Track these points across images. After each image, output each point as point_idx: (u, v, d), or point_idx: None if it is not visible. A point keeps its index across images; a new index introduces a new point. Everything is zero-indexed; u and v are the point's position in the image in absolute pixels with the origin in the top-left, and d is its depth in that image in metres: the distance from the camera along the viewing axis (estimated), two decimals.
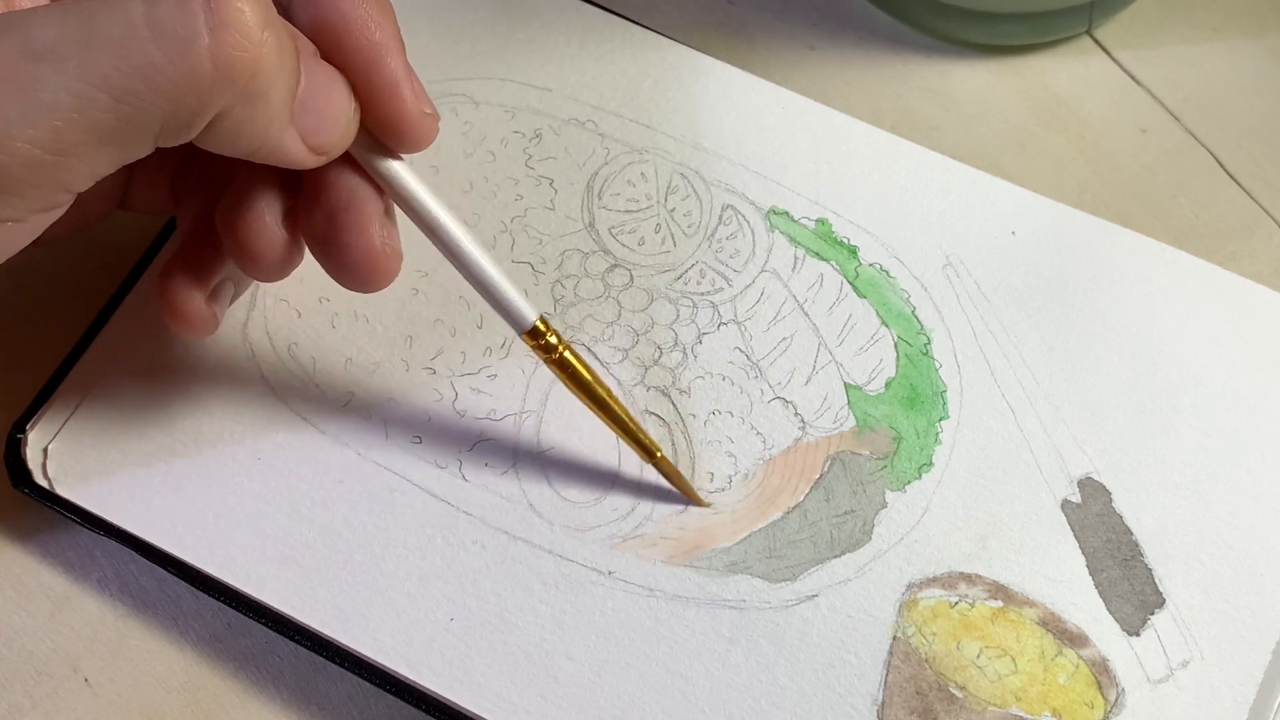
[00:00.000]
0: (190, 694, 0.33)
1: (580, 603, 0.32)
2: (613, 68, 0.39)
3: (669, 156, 0.38)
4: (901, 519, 0.33)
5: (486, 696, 0.31)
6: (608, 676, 0.32)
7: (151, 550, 0.33)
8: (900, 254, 0.37)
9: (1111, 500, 0.33)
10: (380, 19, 0.29)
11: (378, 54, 0.29)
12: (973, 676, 0.32)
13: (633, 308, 0.36)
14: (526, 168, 0.38)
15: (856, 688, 0.31)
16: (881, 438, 0.34)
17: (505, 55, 0.40)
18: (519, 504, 0.34)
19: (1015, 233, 0.37)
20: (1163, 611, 0.32)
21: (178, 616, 0.34)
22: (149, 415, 0.35)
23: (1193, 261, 0.36)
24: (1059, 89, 0.41)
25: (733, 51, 0.41)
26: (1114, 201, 0.39)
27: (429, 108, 0.30)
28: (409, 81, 0.29)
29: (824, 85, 0.41)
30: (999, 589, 0.32)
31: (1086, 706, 0.31)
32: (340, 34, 0.28)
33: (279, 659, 0.34)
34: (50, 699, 0.33)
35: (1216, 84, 0.41)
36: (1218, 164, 0.40)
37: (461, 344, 0.36)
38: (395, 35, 0.29)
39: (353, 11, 0.28)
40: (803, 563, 0.33)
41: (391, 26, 0.29)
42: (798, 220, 0.37)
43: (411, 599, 0.33)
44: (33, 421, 0.35)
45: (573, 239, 0.37)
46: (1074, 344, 0.35)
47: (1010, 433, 0.34)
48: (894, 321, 0.36)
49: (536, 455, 0.34)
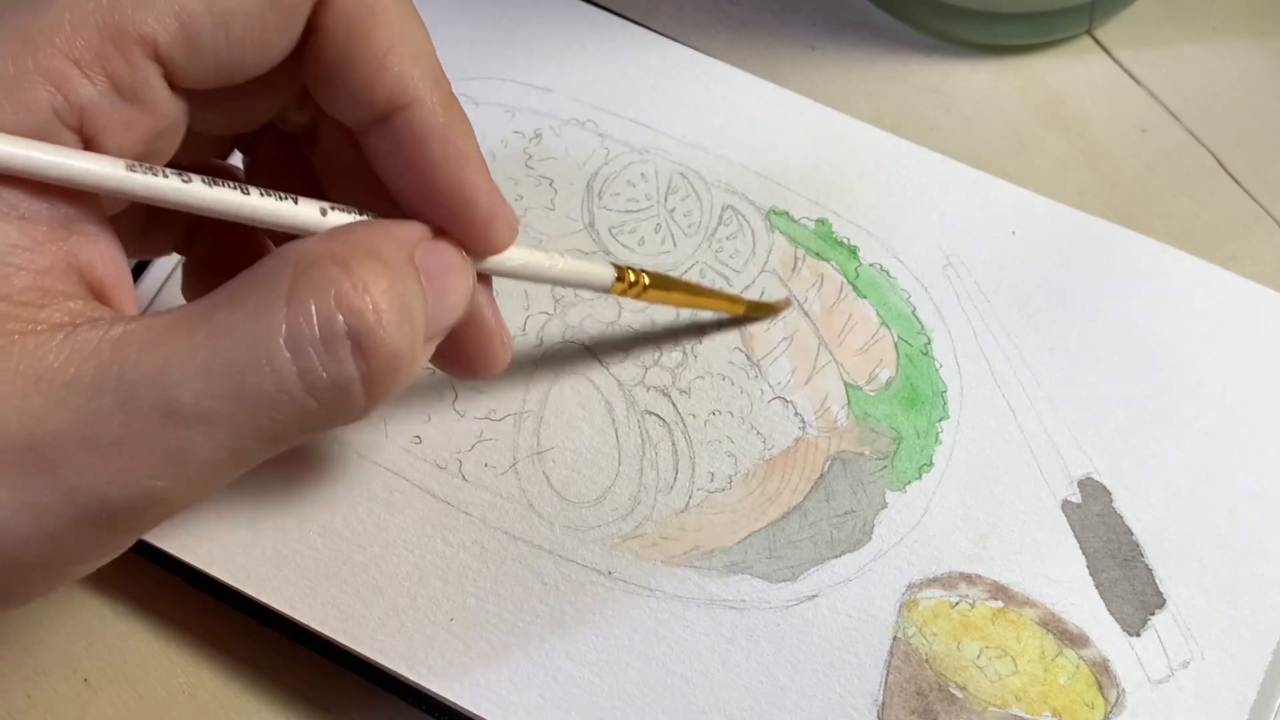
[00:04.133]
0: (190, 694, 0.33)
1: (580, 603, 0.32)
2: (613, 68, 0.39)
3: (669, 156, 0.38)
4: (902, 519, 0.33)
5: (486, 696, 0.31)
6: (608, 676, 0.32)
7: (151, 551, 0.33)
8: (900, 254, 0.37)
9: (1112, 500, 0.33)
10: (468, 146, 0.27)
11: (471, 194, 0.27)
12: (973, 677, 0.32)
13: (633, 308, 0.36)
14: (526, 168, 0.38)
15: (857, 688, 0.31)
16: (882, 438, 0.34)
17: (505, 55, 0.40)
18: (519, 504, 0.34)
19: (1015, 233, 0.37)
20: (1163, 612, 0.32)
21: (178, 616, 0.34)
22: None
23: (1193, 261, 0.36)
24: (1059, 89, 0.41)
25: (733, 51, 0.41)
26: (1114, 201, 0.39)
27: (514, 219, 0.28)
28: (491, 198, 0.27)
29: (824, 85, 0.41)
30: (999, 589, 0.32)
31: (1087, 707, 0.31)
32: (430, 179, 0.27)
33: (279, 659, 0.34)
34: (50, 699, 0.33)
35: (1216, 84, 0.41)
36: (1218, 164, 0.40)
37: None
38: (479, 156, 0.27)
39: (441, 152, 0.27)
40: (803, 563, 0.33)
41: (474, 144, 0.27)
42: (798, 220, 0.37)
43: (411, 599, 0.32)
44: None
45: (573, 239, 0.37)
46: (1074, 344, 0.35)
47: (1010, 433, 0.34)
48: (894, 321, 0.36)
49: (536, 455, 0.34)
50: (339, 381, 0.24)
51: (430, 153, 0.27)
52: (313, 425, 0.24)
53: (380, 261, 0.24)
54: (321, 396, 0.24)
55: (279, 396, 0.23)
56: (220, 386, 0.23)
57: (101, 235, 0.24)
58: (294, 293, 0.23)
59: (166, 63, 0.24)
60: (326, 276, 0.23)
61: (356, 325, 0.23)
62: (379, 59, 0.26)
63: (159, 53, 0.24)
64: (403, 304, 0.24)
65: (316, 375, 0.23)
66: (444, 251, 0.27)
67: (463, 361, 0.30)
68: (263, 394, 0.23)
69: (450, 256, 0.27)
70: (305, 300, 0.23)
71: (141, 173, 0.24)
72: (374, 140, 0.27)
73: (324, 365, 0.23)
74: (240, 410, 0.23)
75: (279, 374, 0.23)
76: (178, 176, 0.24)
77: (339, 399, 0.24)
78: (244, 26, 0.25)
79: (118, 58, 0.24)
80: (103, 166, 0.23)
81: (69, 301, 0.23)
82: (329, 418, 0.24)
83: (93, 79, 0.23)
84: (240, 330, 0.23)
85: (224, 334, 0.23)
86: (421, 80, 0.26)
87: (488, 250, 0.28)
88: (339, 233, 0.25)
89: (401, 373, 0.25)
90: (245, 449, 0.23)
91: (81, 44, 0.23)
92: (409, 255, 0.26)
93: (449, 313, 0.27)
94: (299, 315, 0.23)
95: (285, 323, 0.23)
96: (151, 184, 0.24)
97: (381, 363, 0.24)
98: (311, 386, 0.23)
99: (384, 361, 0.24)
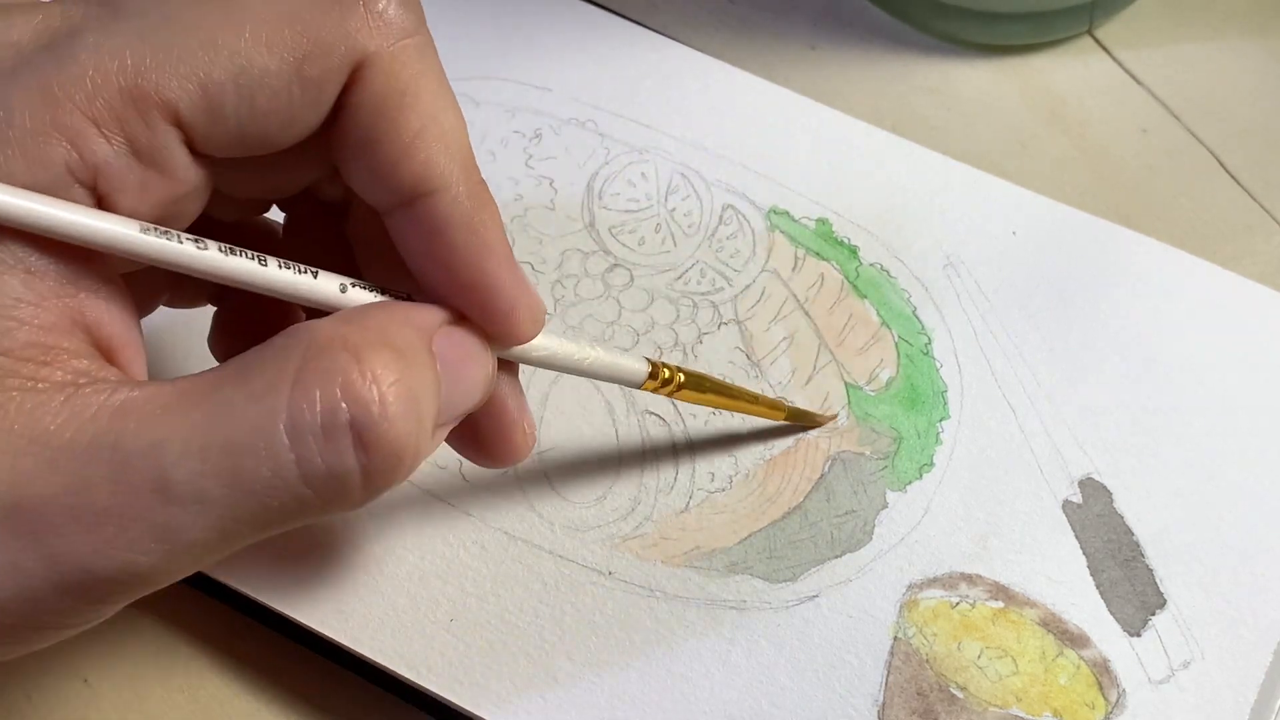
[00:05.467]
0: (190, 694, 0.33)
1: (580, 603, 0.32)
2: (613, 68, 0.39)
3: (669, 156, 0.38)
4: (902, 519, 0.33)
5: (486, 696, 0.31)
6: (608, 676, 0.32)
7: None
8: (900, 254, 0.37)
9: (1112, 500, 0.33)
10: (493, 237, 0.27)
11: (494, 283, 0.26)
12: (973, 677, 0.32)
13: (633, 308, 0.36)
14: (526, 168, 0.38)
15: (857, 688, 0.31)
16: (882, 438, 0.34)
17: (505, 55, 0.40)
18: (519, 504, 0.34)
19: (1015, 233, 0.37)
20: (1164, 612, 0.32)
21: (178, 616, 0.34)
22: None
23: (1193, 261, 0.36)
24: (1059, 89, 0.41)
25: (733, 51, 0.41)
26: (1114, 201, 0.39)
27: (539, 313, 0.28)
28: (515, 289, 0.27)
29: (824, 85, 0.41)
30: (1000, 589, 0.32)
31: (1087, 707, 0.31)
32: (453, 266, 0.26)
33: (279, 659, 0.34)
34: (50, 699, 0.33)
35: (1216, 84, 0.41)
36: (1218, 164, 0.40)
37: None
38: (504, 246, 0.27)
39: (464, 241, 0.26)
40: (803, 563, 0.33)
41: (500, 234, 0.27)
42: (798, 220, 0.37)
43: (411, 599, 0.32)
44: None
45: (573, 239, 0.37)
46: (1075, 344, 0.35)
47: (1011, 433, 0.34)
48: (894, 321, 0.36)
49: (536, 455, 0.34)
50: (336, 472, 0.23)
51: (453, 241, 0.26)
52: (307, 513, 0.24)
53: (393, 350, 0.24)
54: (317, 486, 0.23)
55: (274, 483, 0.23)
56: (215, 468, 0.22)
57: (112, 293, 0.24)
58: (300, 379, 0.23)
59: (187, 129, 0.24)
60: (336, 364, 0.23)
61: (361, 417, 0.23)
62: (407, 143, 0.25)
63: (180, 119, 0.24)
64: (411, 396, 0.24)
65: (314, 464, 0.23)
66: (462, 339, 0.26)
67: (481, 449, 0.29)
68: (258, 479, 0.23)
69: (469, 344, 0.26)
70: (311, 388, 0.23)
71: (155, 235, 0.23)
72: (398, 222, 0.26)
73: (322, 455, 0.23)
74: (233, 494, 0.23)
75: (276, 460, 0.23)
76: (193, 243, 0.24)
77: (335, 489, 0.23)
78: (269, 100, 0.24)
79: (137, 120, 0.23)
80: (114, 226, 0.23)
81: (74, 360, 0.23)
82: (324, 507, 0.24)
83: (110, 139, 0.23)
84: (242, 412, 0.23)
85: (225, 414, 0.23)
86: (448, 167, 0.26)
87: (511, 340, 0.27)
88: (356, 314, 0.25)
89: (404, 466, 0.24)
90: (235, 531, 0.23)
91: (102, 104, 0.23)
92: (426, 342, 0.25)
93: (463, 400, 0.26)
94: (303, 402, 0.23)
95: (288, 409, 0.23)
96: (165, 248, 0.23)
97: (383, 456, 0.23)
98: (308, 475, 0.23)
99: (385, 455, 0.23)
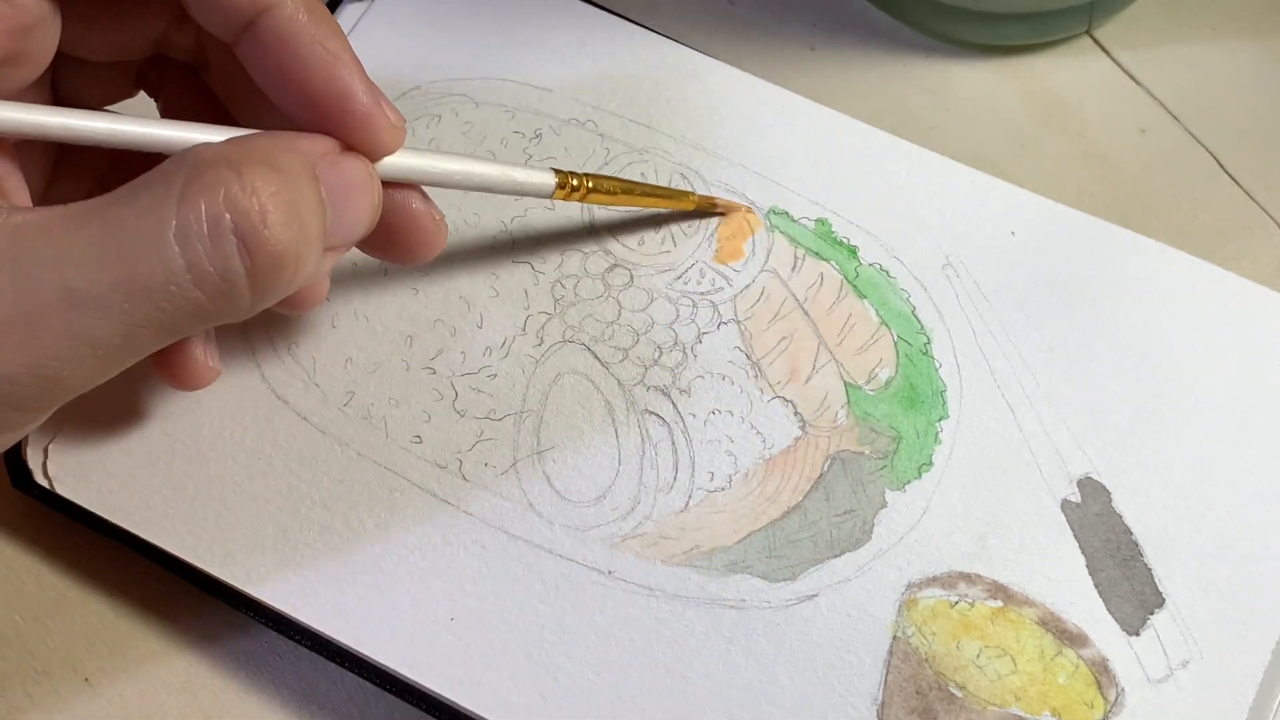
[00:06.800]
0: (190, 694, 0.33)
1: (580, 603, 0.32)
2: (613, 68, 0.39)
3: (669, 156, 0.38)
4: (901, 518, 0.33)
5: (486, 696, 0.31)
6: (608, 676, 0.32)
7: (151, 550, 0.33)
8: (900, 254, 0.37)
9: (1111, 500, 0.33)
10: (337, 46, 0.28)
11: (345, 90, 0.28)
12: (972, 676, 0.32)
13: (633, 307, 0.36)
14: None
15: (856, 687, 0.31)
16: (881, 437, 0.34)
17: (505, 55, 0.40)
18: (519, 504, 0.34)
19: (1015, 233, 0.37)
20: (1162, 611, 0.32)
21: (178, 616, 0.34)
22: (150, 415, 0.35)
23: (1193, 261, 0.36)
24: (1059, 89, 0.41)
25: (733, 51, 0.41)
26: (1114, 201, 0.39)
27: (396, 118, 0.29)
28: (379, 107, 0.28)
29: (824, 85, 0.41)
30: (999, 589, 0.32)
31: (1086, 706, 0.31)
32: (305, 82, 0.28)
33: (279, 659, 0.34)
34: (50, 699, 0.33)
35: (1216, 84, 0.41)
36: (1218, 164, 0.40)
37: (461, 344, 0.36)
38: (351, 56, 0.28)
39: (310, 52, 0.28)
40: (803, 562, 0.33)
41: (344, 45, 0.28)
42: (798, 220, 0.37)
43: (411, 599, 0.33)
44: None
45: (573, 239, 0.37)
46: (1074, 344, 0.35)
47: (1010, 432, 0.34)
48: (894, 321, 0.36)
49: (536, 455, 0.34)
50: (225, 275, 0.25)
51: (299, 53, 0.28)
52: (201, 317, 0.25)
53: (273, 168, 0.26)
54: (208, 289, 0.25)
55: (168, 287, 0.25)
56: (112, 275, 0.24)
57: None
58: (186, 193, 0.25)
59: None
60: (218, 178, 0.25)
61: (242, 224, 0.25)
62: None
63: None
64: (291, 207, 0.26)
65: (203, 268, 0.25)
66: (349, 165, 0.28)
67: (399, 249, 0.31)
68: (152, 283, 0.24)
69: (354, 170, 0.28)
70: (196, 200, 0.25)
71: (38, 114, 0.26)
72: (246, 50, 0.28)
73: (210, 259, 0.25)
74: (131, 298, 0.24)
75: (168, 265, 0.24)
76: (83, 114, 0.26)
77: (225, 292, 0.25)
78: None
79: None
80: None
81: None
82: (217, 311, 0.26)
83: None
84: (133, 224, 0.24)
85: (118, 228, 0.24)
86: None
87: (377, 153, 0.29)
88: (240, 140, 0.26)
89: (287, 273, 0.26)
90: (137, 336, 0.25)
91: None
92: (308, 166, 0.27)
93: (352, 225, 0.28)
94: (189, 213, 0.24)
95: (176, 219, 0.24)
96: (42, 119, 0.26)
97: (266, 260, 0.25)
98: (199, 279, 0.25)
99: (268, 260, 0.25)
